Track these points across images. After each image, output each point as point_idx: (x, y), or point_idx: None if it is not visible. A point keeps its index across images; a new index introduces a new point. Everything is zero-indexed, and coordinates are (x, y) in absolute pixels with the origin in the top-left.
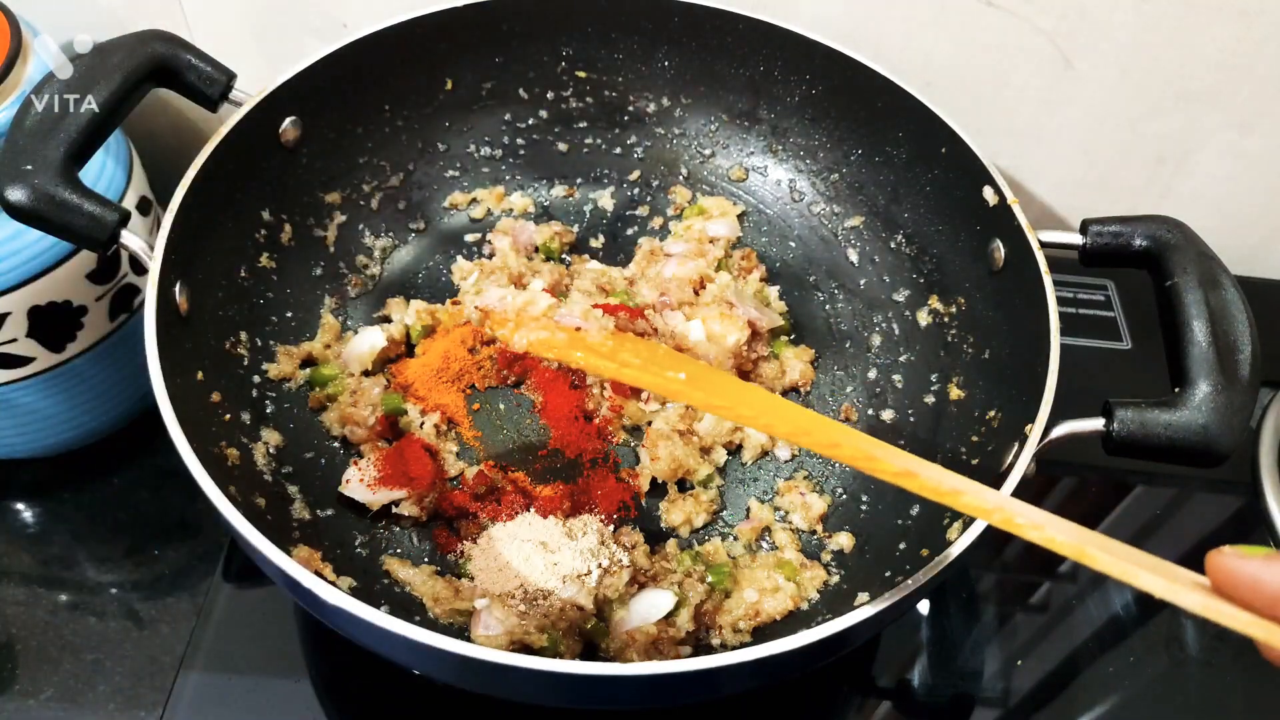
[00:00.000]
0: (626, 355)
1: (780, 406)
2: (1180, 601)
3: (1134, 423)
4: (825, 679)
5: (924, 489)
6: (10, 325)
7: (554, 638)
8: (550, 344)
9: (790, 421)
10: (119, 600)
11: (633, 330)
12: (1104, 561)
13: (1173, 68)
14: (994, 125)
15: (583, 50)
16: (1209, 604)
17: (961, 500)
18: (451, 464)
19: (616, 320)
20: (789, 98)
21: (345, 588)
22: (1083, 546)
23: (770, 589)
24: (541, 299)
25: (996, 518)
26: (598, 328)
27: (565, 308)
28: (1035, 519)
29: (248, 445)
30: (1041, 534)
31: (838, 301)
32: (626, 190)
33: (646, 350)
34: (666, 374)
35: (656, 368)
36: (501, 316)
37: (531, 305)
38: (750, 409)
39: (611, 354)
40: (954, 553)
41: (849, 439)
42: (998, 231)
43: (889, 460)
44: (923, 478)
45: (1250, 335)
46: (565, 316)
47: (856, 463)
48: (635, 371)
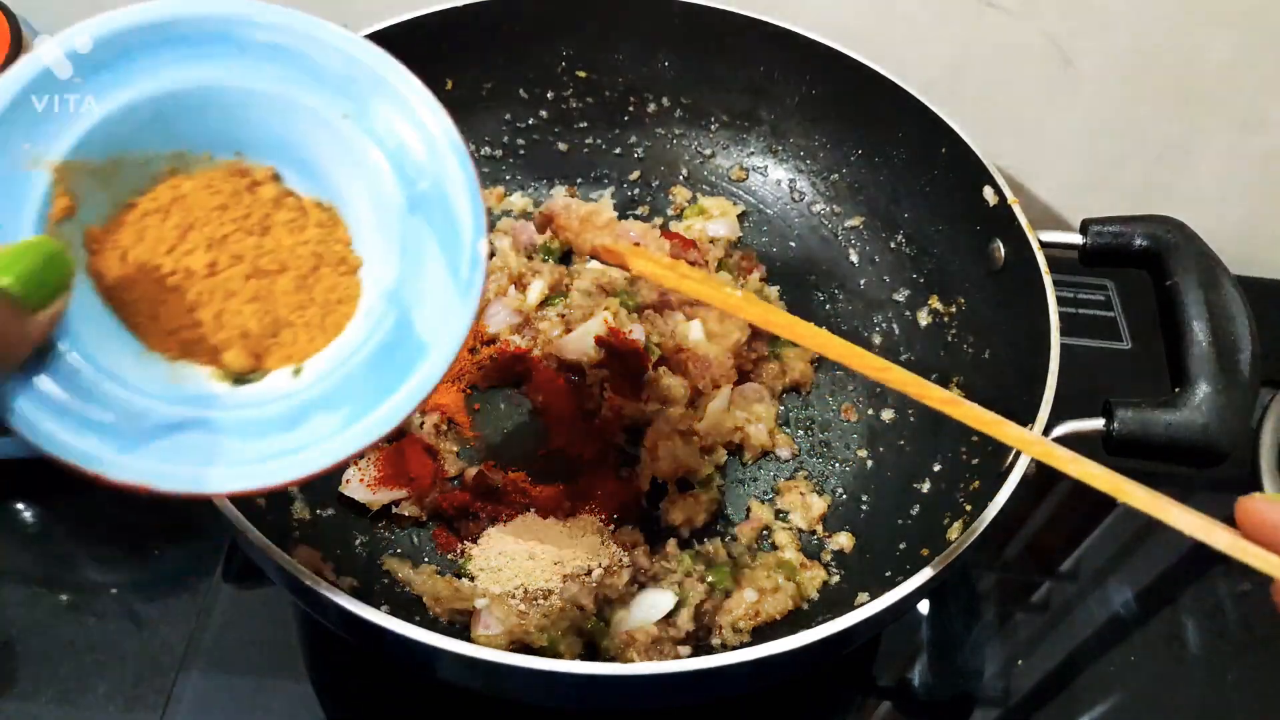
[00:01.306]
0: (684, 269)
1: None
2: (1212, 540)
3: (1134, 422)
4: (825, 679)
5: (967, 416)
6: None
7: (554, 638)
8: (614, 250)
9: (840, 345)
10: (119, 600)
11: (685, 259)
12: (1140, 498)
13: (1173, 68)
14: (994, 125)
15: (583, 50)
16: (1237, 543)
17: (1004, 430)
18: (451, 464)
19: (671, 246)
20: (789, 98)
21: (345, 588)
22: (1120, 484)
23: (770, 589)
24: (606, 209)
25: (1037, 449)
26: (655, 246)
27: (625, 224)
28: (1072, 455)
29: None
30: (1080, 467)
31: (838, 301)
32: (626, 190)
33: (701, 271)
34: (724, 290)
35: (715, 283)
36: (567, 220)
37: (597, 215)
38: (804, 328)
39: (672, 265)
40: (954, 553)
41: (897, 369)
42: (998, 231)
43: (934, 390)
44: (966, 406)
45: (1250, 335)
46: (626, 232)
47: (906, 387)
48: (695, 284)
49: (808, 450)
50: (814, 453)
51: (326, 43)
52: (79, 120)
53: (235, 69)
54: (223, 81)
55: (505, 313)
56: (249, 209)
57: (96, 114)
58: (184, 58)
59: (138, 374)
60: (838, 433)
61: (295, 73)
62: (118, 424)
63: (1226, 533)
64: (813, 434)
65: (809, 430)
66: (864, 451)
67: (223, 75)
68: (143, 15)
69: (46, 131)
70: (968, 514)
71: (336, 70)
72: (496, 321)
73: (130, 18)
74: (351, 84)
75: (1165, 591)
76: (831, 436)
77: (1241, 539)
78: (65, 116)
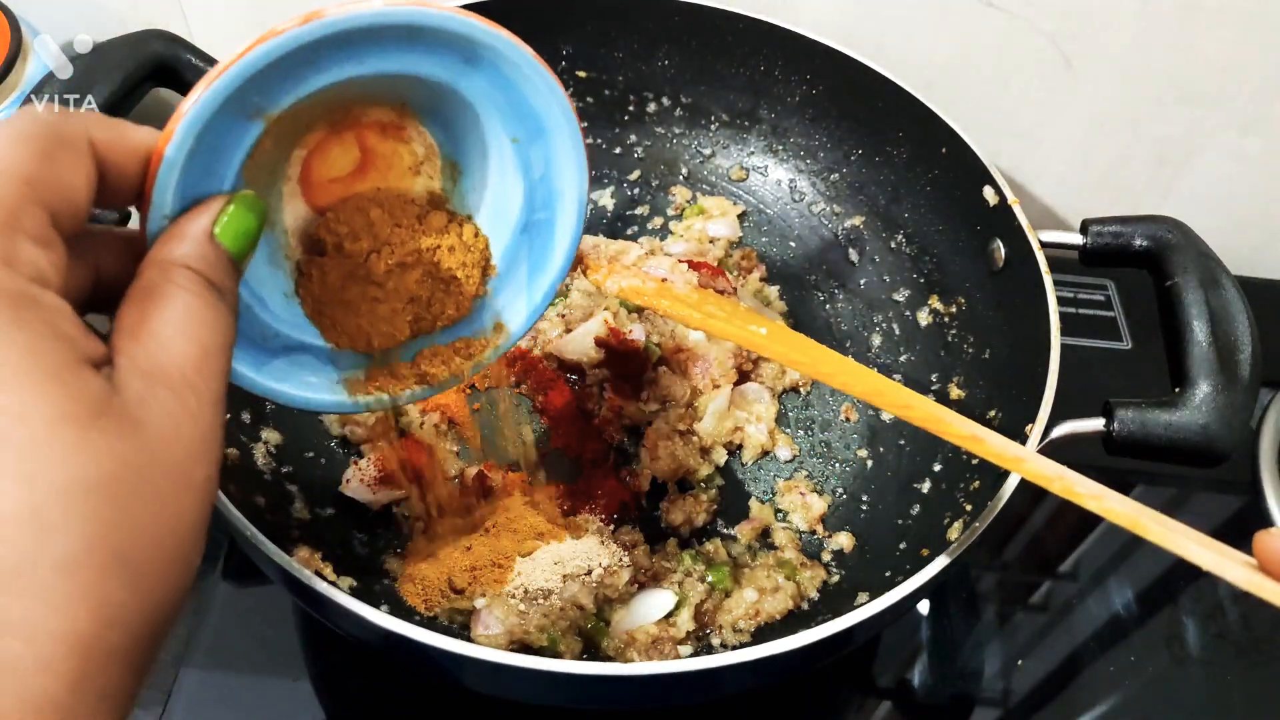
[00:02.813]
0: (711, 308)
1: (856, 368)
2: (1228, 576)
3: (1134, 423)
4: (825, 679)
5: (989, 454)
6: None
7: (554, 637)
8: (640, 291)
9: (865, 382)
10: None
11: (713, 288)
12: (1157, 533)
13: (1173, 68)
14: (994, 125)
15: (583, 50)
16: (1254, 579)
17: (1024, 467)
18: (451, 464)
19: (700, 277)
20: (789, 97)
21: (345, 588)
22: (1138, 518)
23: (770, 589)
24: (633, 249)
25: (1057, 485)
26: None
27: (654, 260)
28: (1094, 490)
29: (248, 444)
30: (1100, 504)
31: (838, 301)
32: (626, 190)
33: (729, 306)
34: (749, 328)
35: (740, 321)
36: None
37: (624, 255)
38: (829, 366)
39: (698, 305)
40: (954, 553)
41: (920, 402)
42: (998, 231)
43: (957, 425)
44: (989, 444)
45: (1250, 335)
46: (653, 269)
47: (927, 424)
48: (720, 323)
49: (808, 450)
50: (814, 453)
51: (536, 80)
52: (308, 83)
53: (457, 72)
54: (439, 77)
55: None
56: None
57: (325, 80)
58: (420, 52)
59: (279, 305)
60: (838, 433)
61: (498, 93)
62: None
63: (1243, 569)
64: (813, 434)
65: (809, 430)
66: (864, 451)
67: (442, 73)
68: (398, 16)
69: (281, 88)
70: (968, 514)
71: (530, 104)
72: None
73: (390, 16)
74: (534, 118)
75: (1165, 591)
76: (831, 436)
77: (1258, 575)
78: (300, 78)
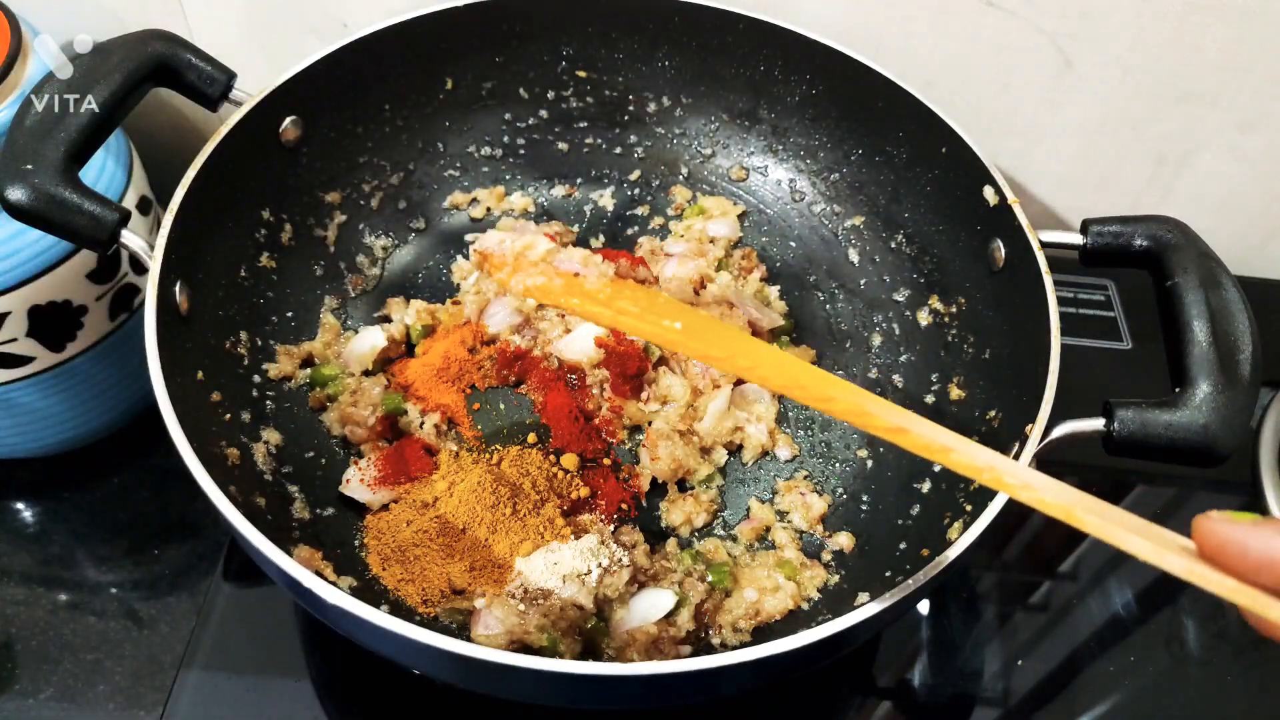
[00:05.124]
0: (624, 303)
1: (777, 358)
2: (1165, 565)
3: (1134, 423)
4: (825, 679)
5: (915, 446)
6: (10, 325)
7: (554, 637)
8: (547, 290)
9: (786, 374)
10: (119, 600)
11: (633, 277)
12: (1092, 524)
13: (1173, 68)
14: (994, 125)
15: (583, 50)
16: (1194, 568)
17: (951, 458)
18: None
19: (617, 267)
20: (789, 97)
21: (345, 588)
22: (1071, 508)
23: (770, 588)
24: (541, 243)
25: (986, 476)
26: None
27: (564, 254)
28: (1024, 479)
29: (248, 445)
30: (1031, 494)
31: (838, 301)
32: (627, 190)
33: (645, 298)
34: (663, 323)
35: (654, 316)
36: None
37: (530, 250)
38: (747, 359)
39: (608, 301)
40: (954, 553)
41: (843, 393)
42: (998, 231)
43: (882, 416)
44: (914, 433)
45: (1251, 335)
46: (564, 262)
47: (850, 417)
48: (632, 320)
49: (808, 450)
50: (814, 453)
51: None
52: None
53: None
54: None
55: (505, 313)
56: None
57: None
58: None
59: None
60: (838, 433)
61: None
62: None
63: (1183, 557)
64: (813, 434)
65: (809, 430)
66: (864, 451)
67: None
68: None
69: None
70: (968, 514)
71: None
72: (496, 321)
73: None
74: None
75: (1165, 591)
76: (831, 436)
77: (1198, 563)
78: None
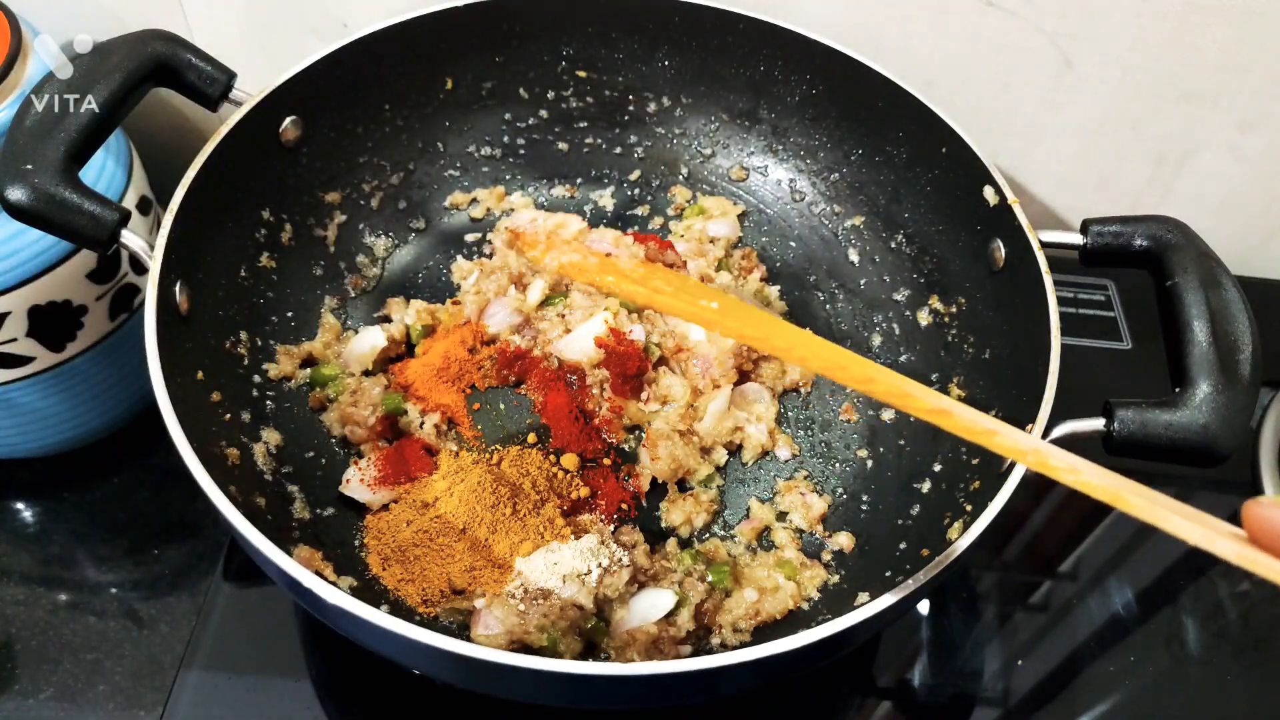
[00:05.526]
0: (658, 282)
1: (814, 341)
2: (1215, 549)
3: (1134, 423)
4: (825, 679)
5: (958, 428)
6: (10, 325)
7: (554, 637)
8: (581, 267)
9: (825, 356)
10: (119, 600)
11: (661, 261)
12: (1139, 507)
13: (1173, 68)
14: (994, 125)
15: (583, 50)
16: (1244, 553)
17: (995, 440)
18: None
19: (647, 250)
20: (789, 97)
21: (345, 588)
22: (1118, 491)
23: (770, 589)
24: (573, 222)
25: (1030, 459)
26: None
27: (596, 234)
28: (1070, 463)
29: (248, 445)
30: (1077, 477)
31: (838, 301)
32: (627, 190)
33: (678, 279)
34: (700, 302)
35: (689, 295)
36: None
37: (563, 228)
38: (784, 340)
39: (643, 280)
40: (954, 553)
41: (884, 375)
42: (998, 231)
43: (924, 399)
44: (958, 416)
45: (1251, 335)
46: (596, 242)
47: (891, 399)
48: (668, 299)
49: (808, 450)
50: (814, 453)
51: None
52: None
53: None
54: None
55: (505, 313)
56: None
57: None
58: None
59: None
60: (838, 433)
61: None
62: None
63: (1232, 542)
64: (813, 434)
65: (809, 430)
66: (864, 451)
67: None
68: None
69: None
70: (968, 514)
71: None
72: (496, 321)
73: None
74: None
75: (1165, 591)
76: (831, 436)
77: (1248, 547)
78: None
